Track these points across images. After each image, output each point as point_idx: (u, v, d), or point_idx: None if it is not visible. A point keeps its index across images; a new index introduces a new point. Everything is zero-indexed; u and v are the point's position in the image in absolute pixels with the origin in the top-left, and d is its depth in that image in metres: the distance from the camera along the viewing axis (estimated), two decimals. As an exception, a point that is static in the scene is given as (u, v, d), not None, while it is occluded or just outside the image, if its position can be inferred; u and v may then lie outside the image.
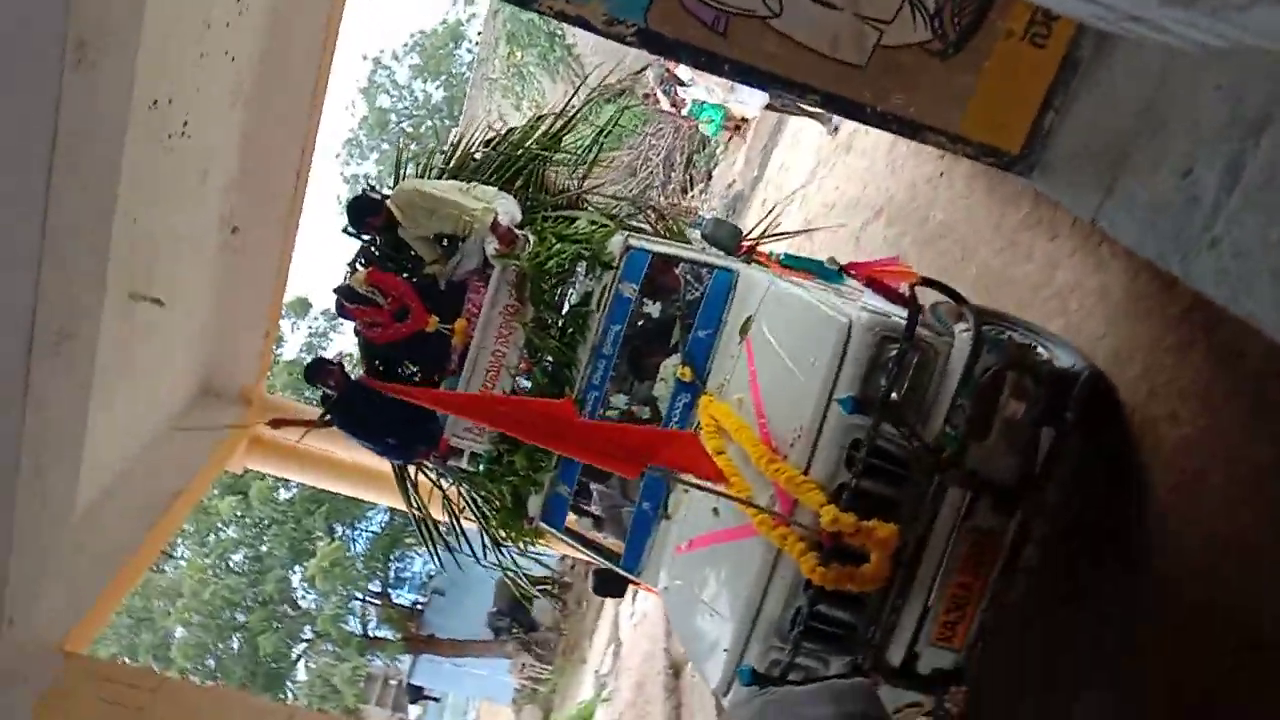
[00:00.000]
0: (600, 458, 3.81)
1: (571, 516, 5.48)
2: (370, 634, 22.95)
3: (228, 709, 5.85)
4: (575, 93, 7.78)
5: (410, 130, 29.18)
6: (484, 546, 6.24)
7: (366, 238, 6.02)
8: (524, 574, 6.87)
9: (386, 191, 5.98)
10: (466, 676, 23.60)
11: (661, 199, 14.70)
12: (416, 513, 6.44)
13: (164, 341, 7.43)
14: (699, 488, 3.96)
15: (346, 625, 22.10)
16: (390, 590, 24.38)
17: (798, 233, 7.70)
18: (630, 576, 4.98)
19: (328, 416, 6.01)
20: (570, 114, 6.57)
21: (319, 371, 5.96)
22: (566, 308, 5.40)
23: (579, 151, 6.57)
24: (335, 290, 6.03)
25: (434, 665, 23.90)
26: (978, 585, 3.67)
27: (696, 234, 5.99)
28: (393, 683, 26.28)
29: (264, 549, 21.74)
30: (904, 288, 4.14)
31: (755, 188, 13.73)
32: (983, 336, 3.61)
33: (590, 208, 6.15)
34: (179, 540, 21.48)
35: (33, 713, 5.21)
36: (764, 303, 4.44)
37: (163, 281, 6.76)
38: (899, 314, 3.79)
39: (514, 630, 18.75)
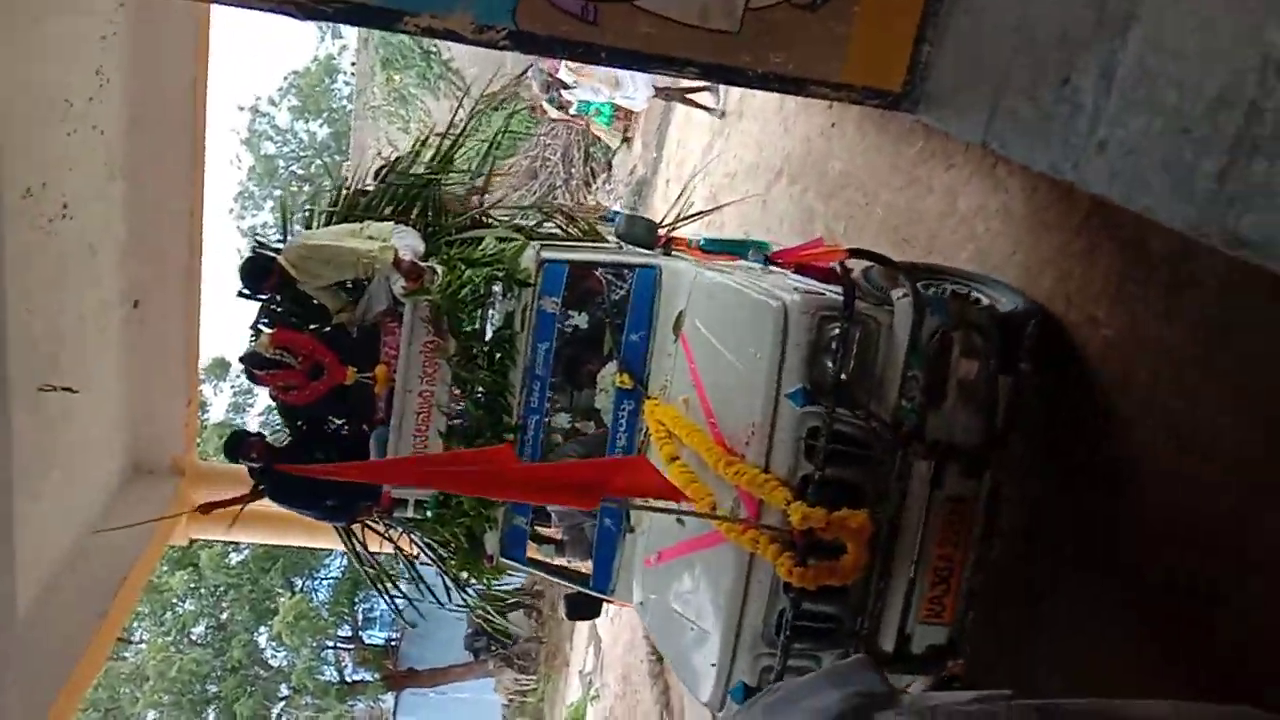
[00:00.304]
0: (550, 498, 3.67)
1: (533, 545, 5.34)
2: (348, 680, 22.62)
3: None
4: (459, 107, 7.68)
5: (300, 173, 28.72)
6: (446, 589, 6.11)
7: (265, 298, 5.71)
8: (493, 596, 6.76)
9: (278, 245, 5.68)
10: (452, 703, 23.40)
11: (566, 197, 14.68)
12: (369, 570, 6.22)
13: (84, 427, 7.22)
14: (660, 510, 3.84)
15: (322, 675, 21.76)
16: (361, 632, 24.04)
17: (709, 211, 7.61)
18: (603, 596, 4.85)
19: (260, 488, 5.68)
20: (457, 130, 6.40)
21: (239, 447, 5.63)
22: (490, 334, 5.15)
23: (473, 167, 6.41)
24: (240, 360, 5.74)
25: (418, 698, 23.65)
26: (959, 555, 3.58)
27: (611, 231, 5.89)
28: (380, 724, 25.96)
29: (224, 616, 21.29)
30: (835, 265, 4.04)
31: (657, 169, 13.78)
32: (923, 300, 3.50)
33: (496, 223, 5.93)
34: (136, 624, 20.91)
35: (12, 829, 5.04)
36: (693, 295, 4.30)
37: (71, 367, 6.57)
38: (833, 290, 3.67)
39: (493, 648, 18.62)
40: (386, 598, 6.38)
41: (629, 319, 4.63)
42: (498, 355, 5.07)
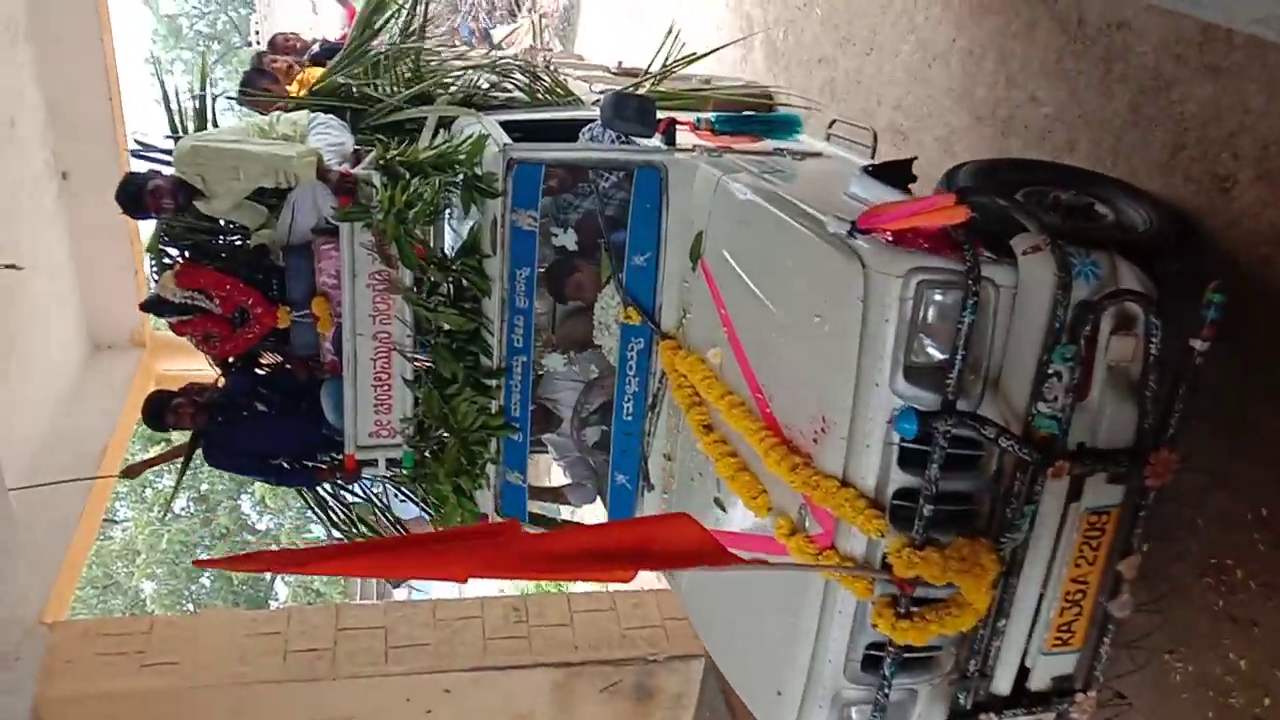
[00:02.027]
0: (576, 574, 2.86)
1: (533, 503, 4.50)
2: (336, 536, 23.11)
3: (226, 626, 5.87)
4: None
5: (207, 30, 27.39)
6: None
7: (160, 219, 4.50)
8: None
9: (165, 148, 4.65)
10: (443, 551, 24.05)
11: (492, 27, 14.13)
12: (347, 541, 5.39)
13: (37, 306, 7.17)
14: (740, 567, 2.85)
15: (310, 533, 22.22)
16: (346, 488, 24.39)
17: (696, 57, 5.87)
18: None
19: (199, 447, 4.79)
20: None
21: (160, 413, 4.51)
22: (453, 256, 4.12)
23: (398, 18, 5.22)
24: (142, 308, 4.92)
25: (409, 548, 24.28)
26: (1096, 572, 2.75)
27: (582, 90, 5.24)
28: (372, 573, 26.73)
29: (204, 488, 21.53)
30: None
31: (583, -8, 13.31)
32: (1069, 264, 2.45)
33: (439, 92, 4.91)
34: (118, 504, 21.14)
35: (37, 684, 5.27)
36: (716, 213, 3.33)
37: (8, 245, 6.48)
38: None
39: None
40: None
41: (631, 237, 3.70)
42: (465, 285, 4.07)
